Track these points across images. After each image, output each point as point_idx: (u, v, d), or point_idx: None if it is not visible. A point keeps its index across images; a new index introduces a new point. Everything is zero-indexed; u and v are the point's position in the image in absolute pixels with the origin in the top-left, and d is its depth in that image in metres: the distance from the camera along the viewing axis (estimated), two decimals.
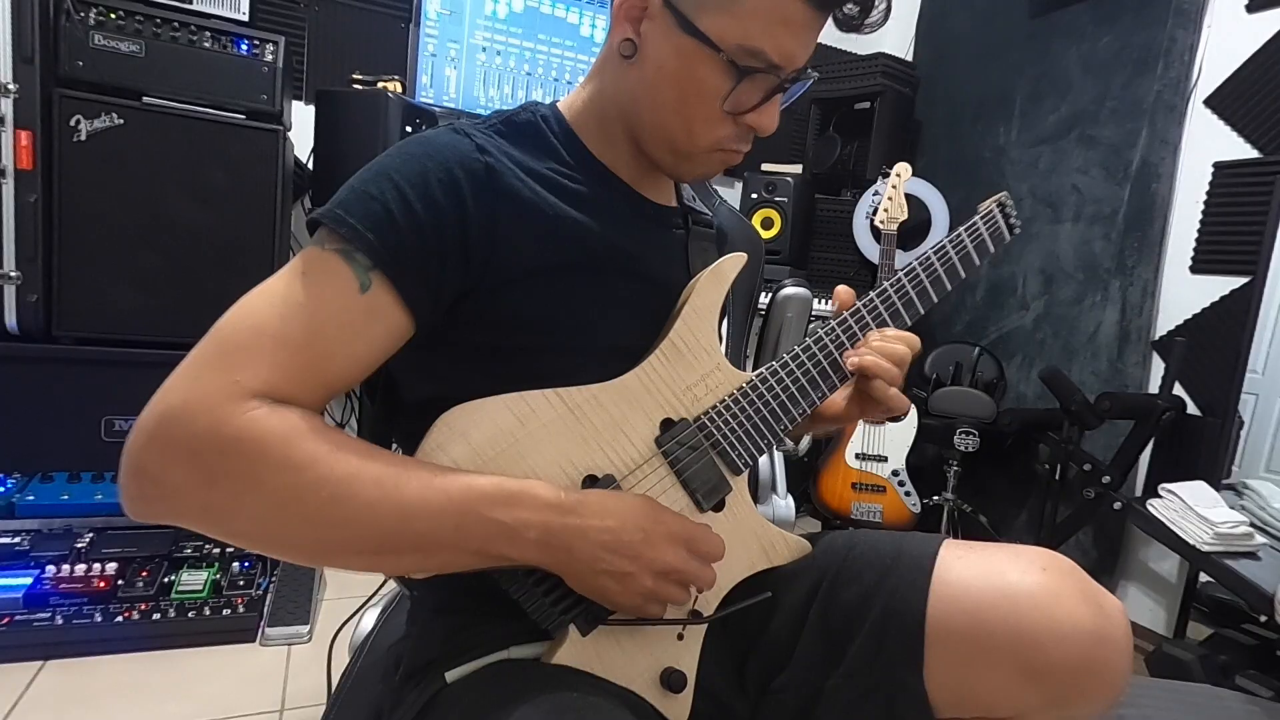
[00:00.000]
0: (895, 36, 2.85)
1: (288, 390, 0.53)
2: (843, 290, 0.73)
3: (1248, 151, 1.81)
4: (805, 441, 2.07)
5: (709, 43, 0.59)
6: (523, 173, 0.63)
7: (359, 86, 1.91)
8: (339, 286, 0.55)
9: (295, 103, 2.02)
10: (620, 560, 0.55)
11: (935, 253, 0.74)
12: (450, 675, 0.61)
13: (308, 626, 1.51)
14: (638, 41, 0.63)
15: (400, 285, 0.57)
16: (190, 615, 1.44)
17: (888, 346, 0.70)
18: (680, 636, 0.64)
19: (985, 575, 0.63)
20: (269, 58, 1.68)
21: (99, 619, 1.38)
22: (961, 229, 0.76)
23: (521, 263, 0.61)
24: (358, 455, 0.52)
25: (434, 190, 0.58)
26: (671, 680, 0.62)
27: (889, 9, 0.64)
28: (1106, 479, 1.85)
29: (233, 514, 0.51)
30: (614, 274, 0.66)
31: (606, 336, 0.65)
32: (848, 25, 0.63)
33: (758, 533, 0.69)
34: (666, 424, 0.63)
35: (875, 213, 2.13)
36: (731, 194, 2.66)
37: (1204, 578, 1.70)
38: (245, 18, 1.75)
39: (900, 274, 0.73)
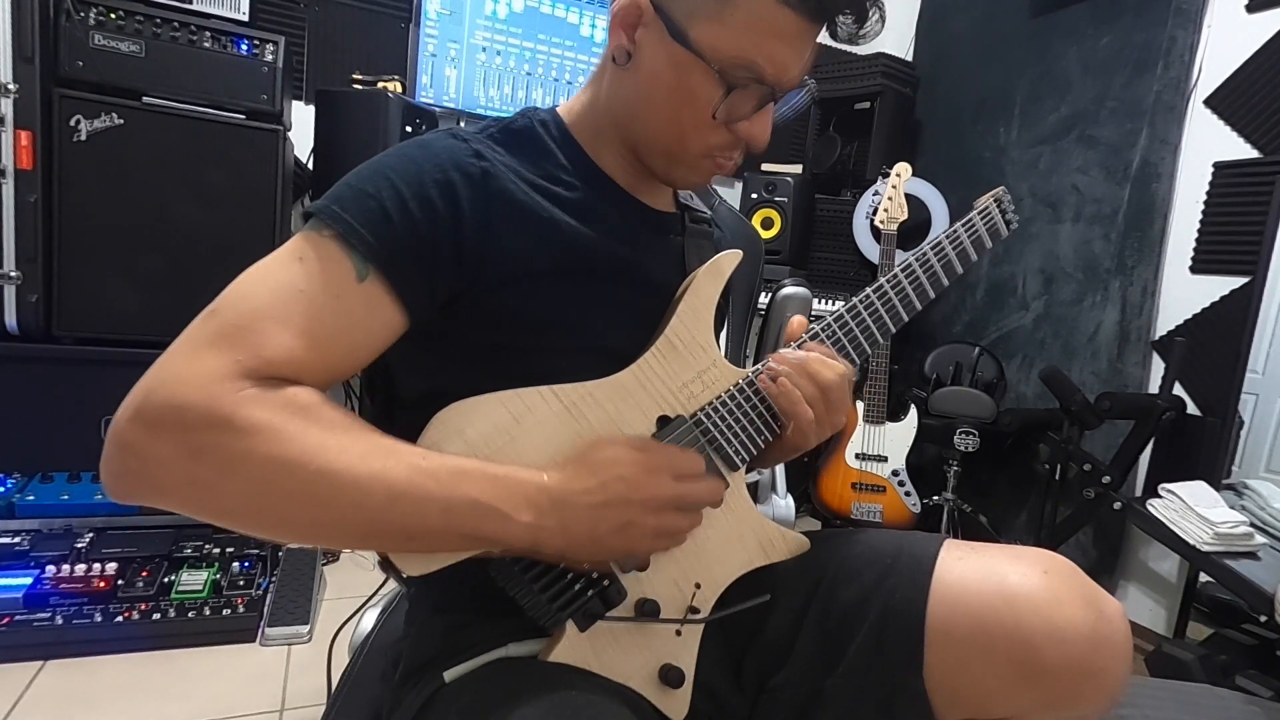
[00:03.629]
0: (895, 36, 2.85)
1: (287, 372, 0.53)
2: (795, 320, 0.70)
3: (1248, 151, 1.81)
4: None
5: (700, 55, 0.59)
6: (519, 179, 0.63)
7: (359, 86, 1.92)
8: (336, 275, 0.56)
9: (295, 103, 2.02)
10: (615, 513, 0.55)
11: (933, 248, 0.75)
12: (448, 674, 0.61)
13: (308, 626, 1.51)
14: (632, 49, 0.63)
15: (394, 282, 0.57)
16: (190, 615, 1.44)
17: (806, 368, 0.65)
18: (678, 633, 0.64)
19: (986, 577, 0.63)
20: (269, 58, 1.68)
21: (99, 619, 1.38)
22: (959, 224, 0.76)
23: (515, 266, 0.61)
24: (348, 434, 0.52)
25: (429, 191, 0.58)
26: (670, 676, 0.62)
27: (883, 18, 0.64)
28: (1106, 479, 1.85)
29: (217, 489, 0.50)
30: (610, 280, 0.66)
31: (602, 339, 0.65)
32: (845, 36, 0.62)
33: (755, 529, 0.69)
34: (663, 421, 0.63)
35: (875, 213, 2.13)
36: (731, 194, 2.66)
37: (1204, 578, 1.69)
38: (245, 18, 1.75)
39: (898, 270, 0.73)
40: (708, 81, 0.60)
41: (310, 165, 1.95)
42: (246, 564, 1.59)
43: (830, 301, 2.39)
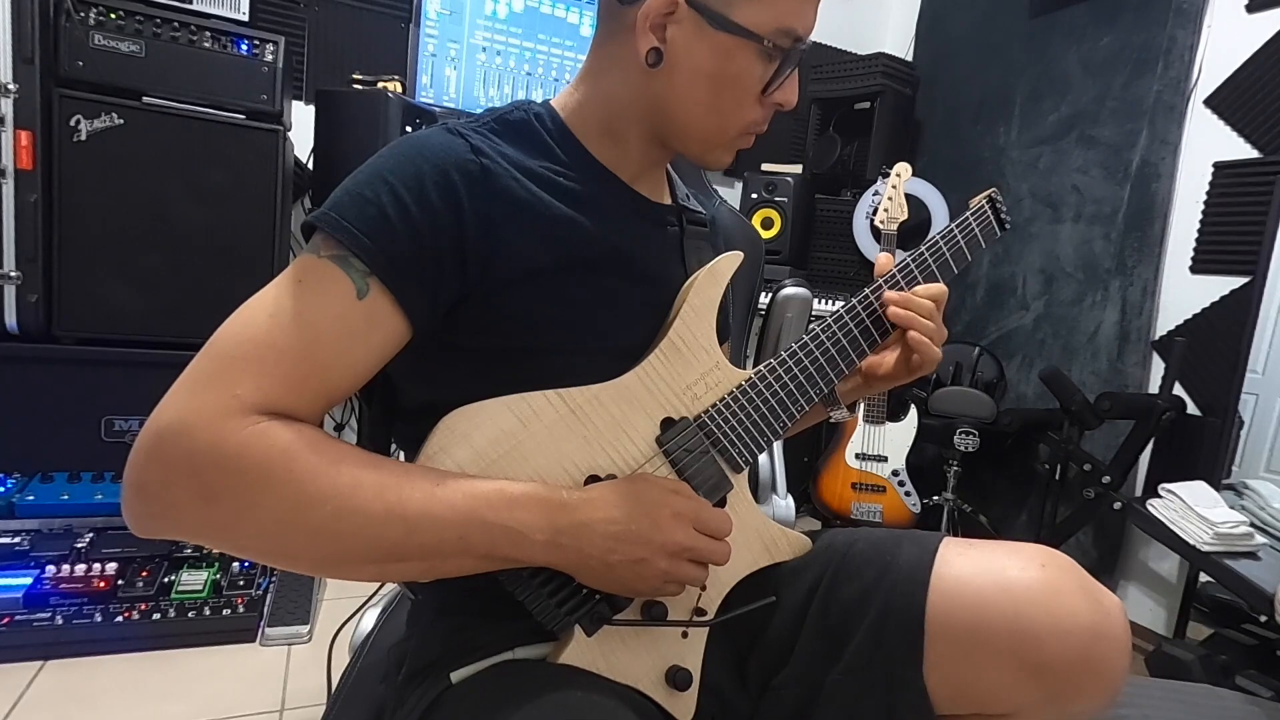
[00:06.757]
0: (895, 36, 2.85)
1: (287, 402, 0.53)
2: (883, 257, 0.76)
3: (1248, 151, 1.81)
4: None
5: (748, 34, 0.61)
6: (518, 172, 0.62)
7: (359, 86, 1.91)
8: (336, 294, 0.55)
9: (295, 103, 2.02)
10: (631, 548, 0.55)
11: (928, 248, 0.75)
12: (455, 676, 0.61)
13: (308, 626, 1.51)
14: (664, 49, 0.63)
15: (398, 290, 0.56)
16: (190, 615, 1.44)
17: (914, 299, 0.72)
18: (684, 635, 0.64)
19: (985, 571, 0.63)
20: (269, 58, 1.68)
21: (99, 619, 1.38)
22: (953, 224, 0.77)
23: (519, 264, 0.60)
24: (360, 467, 0.52)
25: (429, 192, 0.57)
26: (677, 679, 0.62)
27: None
28: (1106, 479, 1.85)
29: (236, 530, 0.51)
30: (611, 273, 0.66)
31: (605, 337, 0.65)
32: None
33: (759, 530, 0.69)
34: (667, 423, 0.63)
35: (875, 213, 2.13)
36: (731, 194, 2.66)
37: (1204, 578, 1.70)
38: (245, 18, 1.75)
39: (895, 271, 0.74)
40: (756, 60, 0.63)
41: (310, 165, 1.95)
42: (246, 564, 1.59)
43: (830, 301, 2.39)
